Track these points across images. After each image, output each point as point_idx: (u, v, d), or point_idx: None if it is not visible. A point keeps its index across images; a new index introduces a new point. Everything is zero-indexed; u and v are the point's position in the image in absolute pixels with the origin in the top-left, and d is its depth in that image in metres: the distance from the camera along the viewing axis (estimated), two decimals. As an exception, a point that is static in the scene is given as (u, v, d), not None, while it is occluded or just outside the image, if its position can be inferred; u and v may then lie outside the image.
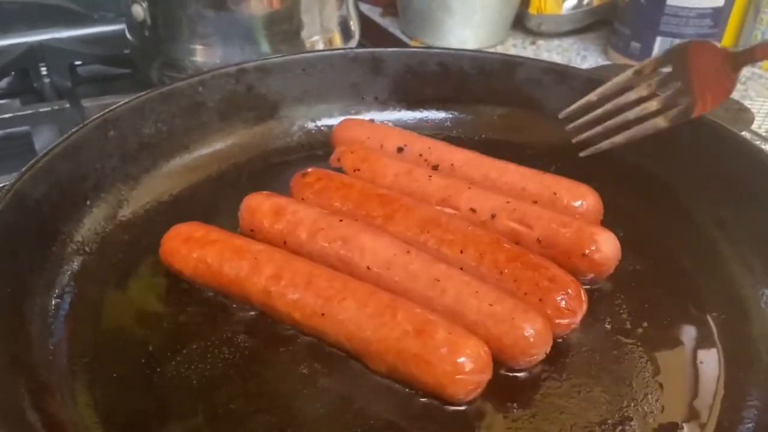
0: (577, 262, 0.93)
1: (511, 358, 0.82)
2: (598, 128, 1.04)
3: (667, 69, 1.01)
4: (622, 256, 0.98)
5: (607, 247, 0.93)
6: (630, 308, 0.94)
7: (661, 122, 1.01)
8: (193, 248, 0.94)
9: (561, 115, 1.08)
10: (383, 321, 0.81)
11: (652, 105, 1.01)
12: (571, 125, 1.06)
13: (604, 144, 1.03)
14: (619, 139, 1.03)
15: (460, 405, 0.80)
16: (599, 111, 1.04)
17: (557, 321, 0.85)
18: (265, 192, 1.03)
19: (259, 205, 1.00)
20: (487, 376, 0.79)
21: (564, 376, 0.85)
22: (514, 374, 0.84)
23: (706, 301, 0.95)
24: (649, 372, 0.85)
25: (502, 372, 0.84)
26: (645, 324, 0.92)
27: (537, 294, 0.86)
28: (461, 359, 0.76)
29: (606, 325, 0.92)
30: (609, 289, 0.97)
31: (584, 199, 1.02)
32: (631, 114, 1.02)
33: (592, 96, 1.05)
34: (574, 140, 1.05)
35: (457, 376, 0.76)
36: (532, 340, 0.80)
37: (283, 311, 0.87)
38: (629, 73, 1.03)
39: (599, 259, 0.93)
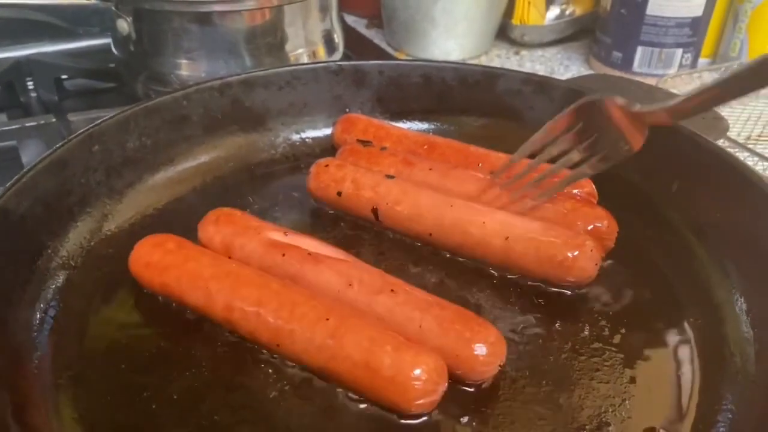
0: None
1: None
2: (530, 183, 1.05)
3: (580, 122, 1.02)
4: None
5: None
6: (608, 315, 0.96)
7: (586, 170, 1.03)
8: (154, 274, 0.95)
9: (491, 175, 1.09)
10: (332, 353, 0.82)
11: (574, 156, 1.03)
12: (503, 185, 1.07)
13: (544, 194, 1.04)
14: (551, 190, 1.04)
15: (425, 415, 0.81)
16: (526, 168, 1.06)
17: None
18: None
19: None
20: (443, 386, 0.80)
21: (543, 383, 0.86)
22: (493, 383, 0.85)
23: (683, 307, 0.97)
24: (627, 378, 0.87)
25: (478, 381, 0.85)
26: (623, 330, 0.93)
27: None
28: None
29: (584, 332, 0.93)
30: (587, 296, 0.98)
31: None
32: (557, 166, 1.04)
33: (515, 157, 1.07)
34: (509, 200, 1.06)
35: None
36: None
37: (249, 338, 0.90)
38: (545, 129, 1.05)
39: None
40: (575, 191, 1.09)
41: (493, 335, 0.82)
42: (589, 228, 1.00)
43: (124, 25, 1.40)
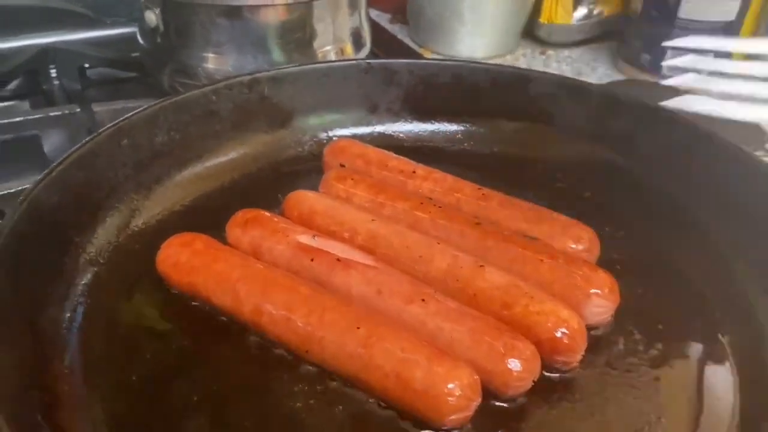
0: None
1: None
2: (703, 85, 0.85)
3: None
4: (635, 275, 0.99)
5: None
6: (643, 329, 0.94)
7: None
8: (181, 274, 0.94)
9: (666, 58, 0.91)
10: (363, 363, 0.81)
11: None
12: (671, 63, 0.88)
13: (702, 108, 0.83)
14: (719, 110, 0.83)
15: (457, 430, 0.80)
16: (715, 67, 0.87)
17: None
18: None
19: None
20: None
21: (577, 397, 0.84)
22: (528, 397, 0.83)
23: (720, 323, 0.95)
24: (663, 394, 0.85)
25: (512, 395, 0.83)
26: (659, 345, 0.91)
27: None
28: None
29: (620, 346, 0.91)
30: (622, 309, 0.96)
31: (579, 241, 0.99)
32: (745, 88, 0.84)
33: (721, 45, 0.86)
34: (665, 82, 0.85)
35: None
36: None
37: (277, 342, 0.89)
38: None
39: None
40: (572, 246, 0.99)
41: (529, 350, 0.81)
42: (590, 294, 0.90)
43: (152, 16, 1.38)
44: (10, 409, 0.70)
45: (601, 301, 0.90)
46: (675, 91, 1.42)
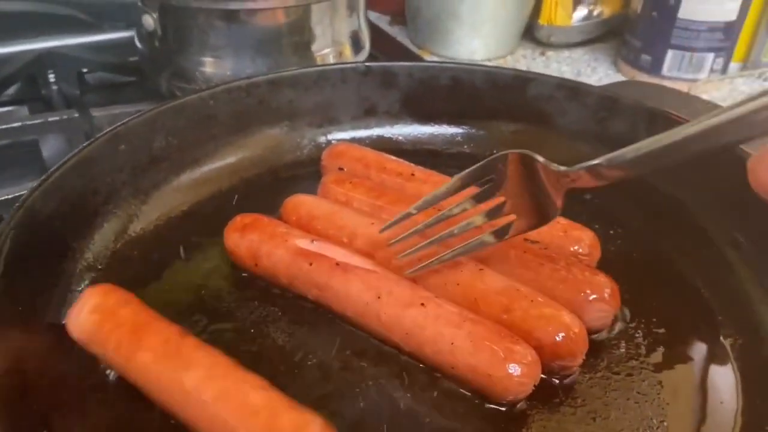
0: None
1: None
2: (424, 244, 0.91)
3: (489, 180, 0.88)
4: (636, 278, 0.98)
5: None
6: (645, 332, 0.93)
7: (488, 239, 0.89)
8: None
9: (381, 230, 0.94)
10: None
11: (478, 219, 0.90)
12: (394, 240, 0.93)
13: (434, 262, 0.90)
14: (447, 256, 0.90)
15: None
16: (421, 225, 0.91)
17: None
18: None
19: None
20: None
21: (578, 402, 0.84)
22: (529, 402, 0.83)
23: (723, 326, 0.94)
24: (665, 398, 0.84)
25: (512, 400, 0.82)
26: (661, 349, 0.91)
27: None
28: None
29: (621, 350, 0.91)
30: (624, 313, 0.95)
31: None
32: (456, 230, 0.90)
33: (413, 209, 0.92)
34: (396, 258, 0.92)
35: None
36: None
37: None
38: (452, 183, 0.90)
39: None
40: (573, 248, 0.98)
41: (530, 355, 0.80)
42: (591, 299, 0.89)
43: (149, 20, 1.38)
44: (9, 418, 0.70)
45: (602, 305, 0.89)
46: (676, 93, 1.42)
